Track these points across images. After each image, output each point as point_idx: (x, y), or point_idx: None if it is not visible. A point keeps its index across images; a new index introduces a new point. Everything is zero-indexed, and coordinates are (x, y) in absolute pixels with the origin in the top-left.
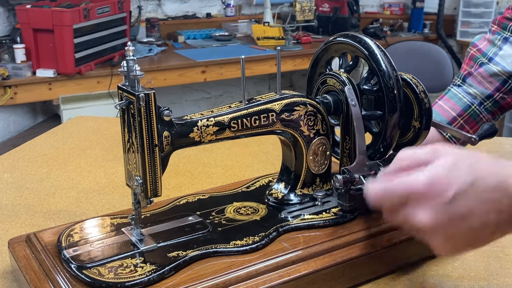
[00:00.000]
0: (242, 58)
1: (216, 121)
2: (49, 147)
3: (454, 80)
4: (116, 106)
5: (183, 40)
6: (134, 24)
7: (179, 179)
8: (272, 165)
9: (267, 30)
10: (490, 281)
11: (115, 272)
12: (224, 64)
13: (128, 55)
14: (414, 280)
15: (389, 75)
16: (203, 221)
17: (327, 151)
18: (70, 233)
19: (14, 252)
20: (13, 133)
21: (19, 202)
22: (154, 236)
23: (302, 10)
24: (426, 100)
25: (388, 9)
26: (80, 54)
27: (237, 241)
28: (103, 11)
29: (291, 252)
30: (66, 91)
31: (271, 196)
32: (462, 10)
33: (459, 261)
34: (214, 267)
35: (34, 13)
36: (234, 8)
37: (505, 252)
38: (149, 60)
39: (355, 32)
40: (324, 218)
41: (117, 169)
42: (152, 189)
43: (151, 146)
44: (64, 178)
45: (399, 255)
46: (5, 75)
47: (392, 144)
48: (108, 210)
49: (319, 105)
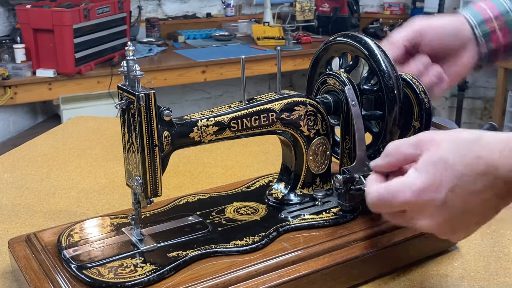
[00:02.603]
0: (242, 58)
1: (216, 121)
2: (49, 147)
3: None
4: (116, 106)
5: (183, 40)
6: (134, 24)
7: (179, 179)
8: (272, 165)
9: (267, 30)
10: (490, 281)
11: (115, 272)
12: (224, 64)
13: (128, 55)
14: (414, 280)
15: (389, 75)
16: (203, 221)
17: (327, 151)
18: (70, 233)
19: (14, 252)
20: (13, 133)
21: (19, 202)
22: (154, 236)
23: (302, 10)
24: (426, 100)
25: (388, 9)
26: (80, 54)
27: (237, 241)
28: (103, 11)
29: (291, 252)
30: (66, 91)
31: (271, 196)
32: None
33: (459, 261)
34: (214, 267)
35: (34, 13)
36: (234, 8)
37: (505, 252)
38: (149, 60)
39: (355, 32)
40: (324, 218)
41: (117, 169)
42: (152, 189)
43: (151, 146)
44: (64, 178)
45: (399, 255)
46: (5, 75)
47: None
48: (108, 210)
49: (319, 105)
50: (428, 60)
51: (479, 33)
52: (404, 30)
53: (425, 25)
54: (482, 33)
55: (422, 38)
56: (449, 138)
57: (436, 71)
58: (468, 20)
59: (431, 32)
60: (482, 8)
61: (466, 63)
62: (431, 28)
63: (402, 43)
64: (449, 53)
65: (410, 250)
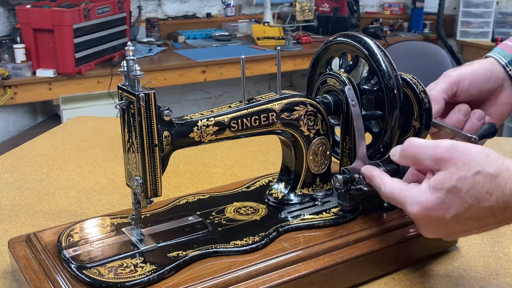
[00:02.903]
0: (242, 58)
1: (216, 121)
2: (49, 147)
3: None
4: (116, 106)
5: (183, 40)
6: (134, 24)
7: (179, 179)
8: (272, 165)
9: (267, 30)
10: (490, 281)
11: (115, 272)
12: (224, 64)
13: (128, 55)
14: (414, 280)
15: (389, 75)
16: (203, 221)
17: (327, 151)
18: (70, 233)
19: (14, 252)
20: (13, 133)
21: (19, 202)
22: (154, 236)
23: (302, 10)
24: (426, 100)
25: (388, 9)
26: (80, 54)
27: (237, 241)
28: (103, 11)
29: (291, 252)
30: (66, 91)
31: (271, 196)
32: (462, 10)
33: (459, 261)
34: (214, 267)
35: (34, 13)
36: (234, 8)
37: (505, 252)
38: (149, 60)
39: (355, 32)
40: (324, 218)
41: (117, 169)
42: (152, 189)
43: (151, 146)
44: (64, 178)
45: (399, 255)
46: (5, 75)
47: (392, 144)
48: (108, 210)
49: (319, 105)
50: (467, 108)
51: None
52: (439, 85)
53: (458, 76)
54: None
55: (458, 89)
56: (468, 166)
57: (478, 115)
58: (498, 60)
59: (466, 82)
60: (509, 46)
61: (506, 102)
62: (465, 77)
63: (442, 97)
64: (486, 96)
65: (410, 250)
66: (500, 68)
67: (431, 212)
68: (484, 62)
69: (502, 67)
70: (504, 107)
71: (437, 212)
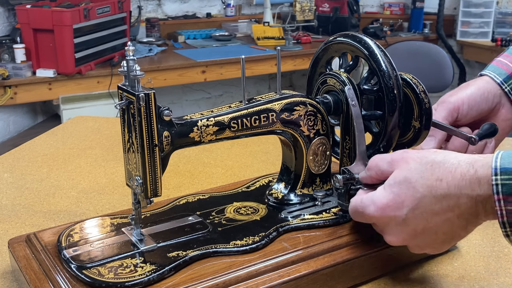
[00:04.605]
0: (242, 58)
1: (216, 121)
2: (49, 147)
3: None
4: (116, 106)
5: (183, 40)
6: (134, 24)
7: (179, 179)
8: (272, 165)
9: (267, 30)
10: (490, 281)
11: (115, 272)
12: (224, 64)
13: (128, 55)
14: (414, 280)
15: (389, 75)
16: (203, 221)
17: (327, 151)
18: (70, 233)
19: (14, 252)
20: (13, 133)
21: (19, 202)
22: (154, 236)
23: (302, 10)
24: (426, 100)
25: (388, 9)
26: (80, 54)
27: (237, 241)
28: (103, 11)
29: (291, 252)
30: (66, 91)
31: (271, 196)
32: (462, 10)
33: (459, 261)
34: (214, 267)
35: (34, 13)
36: (234, 8)
37: (505, 252)
38: (149, 60)
39: (355, 32)
40: (324, 218)
41: (117, 169)
42: (152, 189)
43: (151, 146)
44: (64, 178)
45: (399, 255)
46: (5, 75)
47: (392, 144)
48: (108, 210)
49: (319, 105)
50: (468, 131)
51: (508, 89)
52: (439, 112)
53: (456, 101)
54: (511, 88)
55: (458, 114)
56: (417, 159)
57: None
58: (493, 79)
59: (465, 107)
60: (503, 63)
61: (506, 118)
62: (463, 102)
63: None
64: (486, 115)
65: (410, 250)
66: (496, 86)
67: (387, 209)
68: (479, 83)
69: (497, 85)
70: (506, 123)
71: (392, 208)
